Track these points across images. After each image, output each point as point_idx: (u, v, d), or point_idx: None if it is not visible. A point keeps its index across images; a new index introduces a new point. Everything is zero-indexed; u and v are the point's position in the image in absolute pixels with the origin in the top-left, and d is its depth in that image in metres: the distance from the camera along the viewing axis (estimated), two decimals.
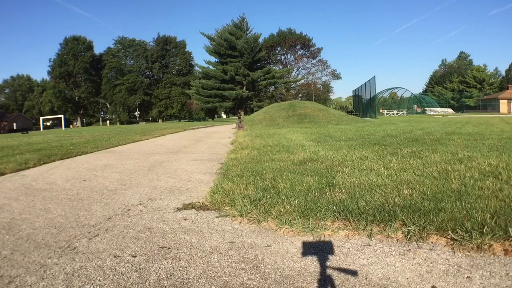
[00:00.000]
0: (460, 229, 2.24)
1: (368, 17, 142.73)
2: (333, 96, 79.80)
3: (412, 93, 57.49)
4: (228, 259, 2.14)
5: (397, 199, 2.91)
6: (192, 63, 69.97)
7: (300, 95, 63.61)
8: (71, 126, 67.85)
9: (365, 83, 33.17)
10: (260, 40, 48.93)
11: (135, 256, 2.20)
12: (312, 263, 2.05)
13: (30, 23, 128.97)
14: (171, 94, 68.00)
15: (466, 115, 34.43)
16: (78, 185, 4.47)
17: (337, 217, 2.62)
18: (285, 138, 9.59)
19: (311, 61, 63.80)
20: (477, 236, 2.15)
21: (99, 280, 1.90)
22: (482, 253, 2.06)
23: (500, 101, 50.90)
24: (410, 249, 2.17)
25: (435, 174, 3.86)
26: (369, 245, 2.26)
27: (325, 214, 2.68)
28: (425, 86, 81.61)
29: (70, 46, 69.39)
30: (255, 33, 47.15)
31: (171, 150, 8.33)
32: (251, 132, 13.39)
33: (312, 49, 62.61)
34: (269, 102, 46.59)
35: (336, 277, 1.87)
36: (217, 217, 2.97)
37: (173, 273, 1.96)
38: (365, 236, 2.38)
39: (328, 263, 2.03)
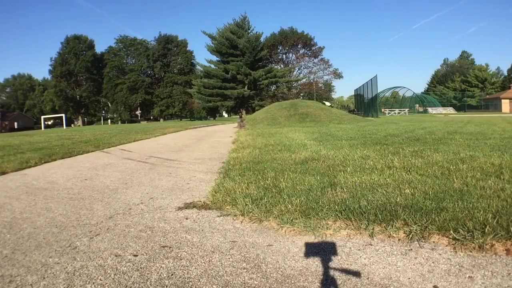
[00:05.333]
0: (462, 229, 2.23)
1: (370, 16, 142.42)
2: (334, 95, 79.78)
3: (414, 93, 57.51)
4: (229, 258, 2.14)
5: (398, 199, 2.90)
6: (194, 62, 69.78)
7: (301, 94, 63.62)
8: (72, 125, 67.90)
9: (366, 82, 33.16)
10: (262, 39, 48.86)
11: (136, 255, 2.20)
12: (313, 263, 2.04)
13: (31, 21, 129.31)
14: (172, 93, 67.96)
15: (468, 115, 34.34)
16: (79, 184, 4.48)
17: (338, 217, 2.61)
18: (286, 137, 9.58)
19: (313, 60, 63.83)
20: (479, 235, 2.14)
21: (100, 280, 1.90)
22: (484, 252, 2.05)
23: (502, 100, 50.83)
24: (411, 249, 2.16)
25: (437, 174, 3.84)
26: (371, 245, 2.25)
27: (327, 213, 2.67)
28: (427, 86, 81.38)
29: (72, 45, 69.39)
30: (256, 32, 47.08)
31: (173, 149, 8.33)
32: (252, 131, 13.38)
33: (313, 48, 62.62)
34: (270, 101, 46.60)
35: (338, 277, 1.87)
36: (218, 216, 2.97)
37: (174, 273, 1.96)
38: (366, 236, 2.38)
39: (329, 263, 2.03)
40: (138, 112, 71.84)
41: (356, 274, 1.88)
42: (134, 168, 5.59)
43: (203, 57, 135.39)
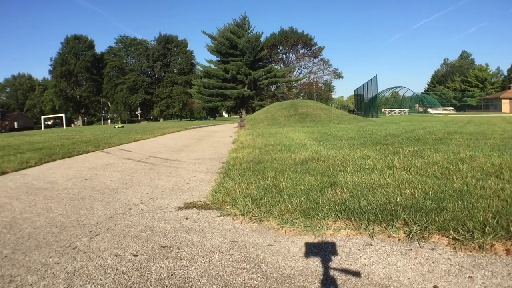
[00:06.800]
0: (462, 229, 2.23)
1: (370, 16, 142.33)
2: (334, 95, 79.78)
3: (414, 93, 57.52)
4: (229, 258, 2.14)
5: (398, 199, 2.90)
6: (194, 62, 69.80)
7: (301, 94, 63.64)
8: (72, 125, 67.87)
9: (366, 82, 33.15)
10: (262, 39, 48.93)
11: (136, 255, 2.20)
12: (313, 263, 2.04)
13: (31, 21, 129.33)
14: (172, 93, 67.94)
15: (468, 115, 34.34)
16: (79, 184, 4.48)
17: (338, 217, 2.61)
18: (286, 137, 9.58)
19: (313, 60, 63.87)
20: (479, 235, 2.14)
21: (100, 279, 1.90)
22: (484, 253, 2.05)
23: (502, 100, 50.86)
24: (411, 249, 2.16)
25: (437, 174, 3.84)
26: (371, 245, 2.25)
27: (327, 213, 2.67)
28: (427, 86, 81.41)
29: (72, 45, 69.42)
30: (256, 32, 47.15)
31: (173, 149, 8.33)
32: (252, 131, 13.38)
33: (313, 48, 62.62)
34: (270, 101, 46.64)
35: (338, 277, 1.87)
36: (218, 216, 2.97)
37: (174, 273, 1.96)
38: (366, 236, 2.38)
39: (329, 263, 2.03)
40: (138, 112, 71.83)
41: (356, 274, 1.88)
42: (134, 168, 5.59)
43: (203, 57, 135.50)
